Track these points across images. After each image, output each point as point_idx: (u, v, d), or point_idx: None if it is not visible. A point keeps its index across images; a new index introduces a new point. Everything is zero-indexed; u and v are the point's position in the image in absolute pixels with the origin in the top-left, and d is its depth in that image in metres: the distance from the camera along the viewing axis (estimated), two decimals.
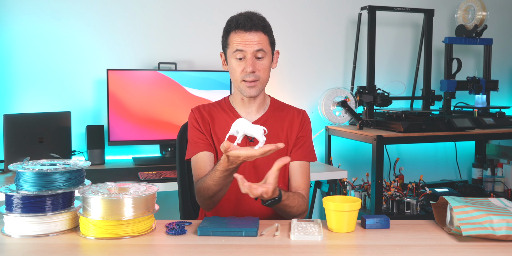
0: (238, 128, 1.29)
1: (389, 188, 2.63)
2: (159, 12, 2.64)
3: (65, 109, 2.43)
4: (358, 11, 2.87)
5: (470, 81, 2.95)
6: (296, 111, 1.64)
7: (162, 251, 1.15)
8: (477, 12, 2.96)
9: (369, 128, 2.68)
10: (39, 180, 1.21)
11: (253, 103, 1.58)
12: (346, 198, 1.32)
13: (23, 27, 2.44)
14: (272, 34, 1.55)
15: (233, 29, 1.49)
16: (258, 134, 1.26)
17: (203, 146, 1.55)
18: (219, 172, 1.34)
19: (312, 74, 2.96)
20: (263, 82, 1.53)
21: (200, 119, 1.58)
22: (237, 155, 1.24)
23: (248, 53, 1.48)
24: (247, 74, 1.49)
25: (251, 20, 1.48)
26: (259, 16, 1.52)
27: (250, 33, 1.48)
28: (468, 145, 3.28)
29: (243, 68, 1.49)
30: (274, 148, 1.22)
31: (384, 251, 1.13)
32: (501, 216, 1.18)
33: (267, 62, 1.52)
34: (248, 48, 1.47)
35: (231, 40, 1.50)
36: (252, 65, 1.48)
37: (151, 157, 2.55)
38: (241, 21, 1.48)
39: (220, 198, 1.47)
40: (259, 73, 1.50)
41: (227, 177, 1.36)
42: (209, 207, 1.49)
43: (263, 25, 1.50)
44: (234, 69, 1.51)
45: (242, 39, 1.47)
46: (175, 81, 2.48)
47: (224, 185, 1.39)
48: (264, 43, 1.50)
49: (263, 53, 1.50)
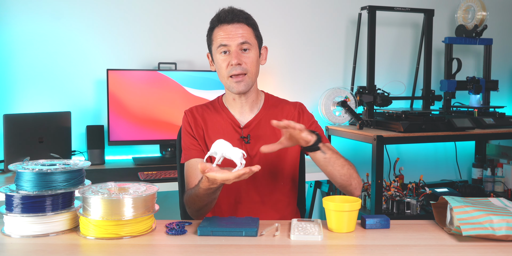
0: (217, 149, 1.27)
1: (389, 188, 2.62)
2: (159, 12, 2.64)
3: (65, 109, 2.43)
4: (358, 11, 2.87)
5: (470, 81, 2.94)
6: (292, 105, 1.61)
7: (162, 251, 1.15)
8: (477, 12, 2.96)
9: (369, 128, 2.68)
10: (39, 180, 1.21)
11: (245, 102, 1.54)
12: (346, 198, 1.32)
13: (23, 27, 2.44)
14: (257, 28, 1.52)
15: (216, 24, 1.47)
16: (236, 157, 1.24)
17: (195, 153, 1.52)
18: (201, 189, 1.32)
19: (312, 74, 2.96)
20: (252, 76, 1.48)
21: (193, 122, 1.56)
22: (213, 178, 1.22)
23: (233, 46, 1.44)
24: (233, 67, 1.45)
25: (233, 13, 1.46)
26: (241, 10, 1.49)
27: (233, 25, 1.45)
28: (468, 145, 3.28)
29: (228, 62, 1.45)
30: (248, 171, 1.20)
31: (384, 251, 1.13)
32: (501, 216, 1.18)
33: (253, 55, 1.47)
34: (232, 42, 1.44)
35: (214, 36, 1.48)
36: (237, 57, 1.44)
37: (151, 157, 2.55)
38: (222, 15, 1.46)
39: (209, 210, 1.45)
40: (246, 66, 1.46)
41: (210, 195, 1.35)
42: (199, 218, 1.47)
43: (245, 17, 1.47)
44: (219, 65, 1.48)
45: (225, 32, 1.44)
46: (175, 81, 2.48)
47: (209, 201, 1.38)
48: (248, 35, 1.47)
49: (248, 45, 1.46)
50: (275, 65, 2.86)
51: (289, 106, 1.61)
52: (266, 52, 1.57)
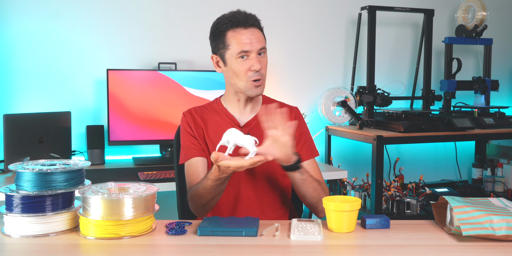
0: (229, 138, 1.28)
1: (389, 188, 2.63)
2: (159, 12, 2.64)
3: (65, 109, 2.43)
4: (358, 11, 2.87)
5: (476, 81, 2.94)
6: (288, 107, 1.62)
7: (162, 251, 1.15)
8: (477, 12, 2.96)
9: (369, 128, 2.68)
10: (39, 180, 1.21)
11: (249, 103, 1.56)
12: (346, 198, 1.32)
13: (23, 27, 2.44)
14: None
15: (230, 27, 1.44)
16: (249, 144, 1.25)
17: (195, 152, 1.52)
18: (210, 181, 1.33)
19: (312, 74, 2.96)
20: (265, 79, 1.51)
21: (192, 123, 1.55)
22: (227, 165, 1.23)
23: (254, 52, 1.44)
24: (254, 73, 1.45)
25: (248, 17, 1.45)
26: (251, 13, 1.48)
27: (249, 29, 1.44)
28: (468, 145, 3.28)
29: (248, 67, 1.45)
30: (263, 159, 1.22)
31: (384, 251, 1.13)
32: (501, 216, 1.18)
33: (267, 59, 1.50)
34: (253, 47, 1.44)
35: (230, 40, 1.44)
36: (259, 63, 1.44)
37: (151, 157, 2.55)
38: (237, 18, 1.43)
39: (213, 206, 1.45)
40: (263, 71, 1.48)
41: (219, 186, 1.35)
42: (202, 214, 1.47)
43: (258, 21, 1.48)
44: (238, 70, 1.46)
45: (246, 37, 1.43)
46: (175, 81, 2.48)
47: (216, 194, 1.38)
48: (263, 40, 1.48)
49: (264, 49, 1.48)
50: (275, 65, 2.86)
51: (286, 107, 1.61)
52: None
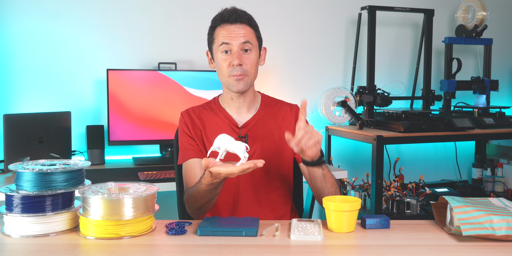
0: (220, 144, 1.27)
1: (389, 188, 2.63)
2: (159, 12, 2.64)
3: (65, 109, 2.43)
4: (358, 11, 2.87)
5: (475, 81, 2.94)
6: (288, 106, 1.62)
7: (162, 251, 1.15)
8: (477, 12, 2.96)
9: (369, 128, 2.68)
10: (39, 180, 1.21)
11: (243, 102, 1.55)
12: (346, 198, 1.32)
13: (23, 27, 2.44)
14: (258, 29, 1.53)
15: (218, 23, 1.48)
16: (240, 150, 1.25)
17: (192, 153, 1.52)
18: (204, 185, 1.33)
19: (312, 74, 2.96)
20: (251, 77, 1.50)
21: (190, 123, 1.55)
22: (217, 172, 1.23)
23: (234, 46, 1.45)
24: (234, 68, 1.46)
25: (236, 13, 1.47)
26: (244, 11, 1.50)
27: (236, 25, 1.46)
28: (468, 145, 3.28)
29: (229, 62, 1.46)
30: (253, 166, 1.21)
31: (384, 251, 1.13)
32: (501, 216, 1.18)
33: (254, 56, 1.49)
34: (234, 41, 1.45)
35: (216, 35, 1.48)
36: (239, 58, 1.45)
37: (151, 157, 2.55)
38: (225, 14, 1.47)
39: (209, 209, 1.45)
40: (247, 67, 1.47)
41: (212, 190, 1.35)
42: (199, 217, 1.47)
43: (248, 18, 1.49)
44: (220, 64, 1.48)
45: (228, 31, 1.45)
46: (175, 81, 2.48)
47: (210, 198, 1.38)
48: (250, 36, 1.48)
49: (250, 45, 1.47)
50: (275, 65, 2.86)
51: (286, 106, 1.62)
52: (265, 53, 1.58)
